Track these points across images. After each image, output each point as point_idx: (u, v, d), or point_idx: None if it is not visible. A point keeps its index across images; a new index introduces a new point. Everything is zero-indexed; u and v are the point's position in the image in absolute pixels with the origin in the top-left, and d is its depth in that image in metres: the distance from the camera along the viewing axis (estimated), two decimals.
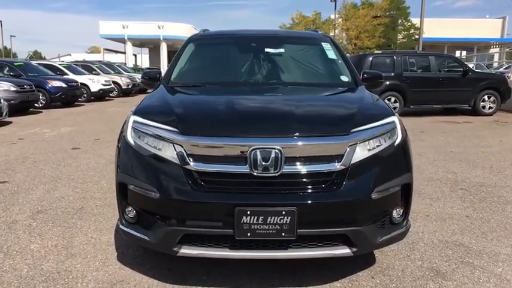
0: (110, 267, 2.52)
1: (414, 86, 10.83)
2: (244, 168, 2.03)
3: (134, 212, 2.24)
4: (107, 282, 2.34)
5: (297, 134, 2.11)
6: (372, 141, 2.21)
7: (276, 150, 2.03)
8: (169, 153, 2.12)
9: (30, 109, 12.01)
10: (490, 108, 11.40)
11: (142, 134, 2.25)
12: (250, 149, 2.03)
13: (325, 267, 2.48)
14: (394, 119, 2.38)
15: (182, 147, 2.09)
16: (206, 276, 2.40)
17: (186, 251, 2.07)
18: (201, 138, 2.11)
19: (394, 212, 2.29)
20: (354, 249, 2.09)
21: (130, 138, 2.29)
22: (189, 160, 2.07)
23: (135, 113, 2.40)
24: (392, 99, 10.88)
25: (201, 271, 2.44)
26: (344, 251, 2.09)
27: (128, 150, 2.27)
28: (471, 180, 4.70)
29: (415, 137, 7.85)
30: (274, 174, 2.03)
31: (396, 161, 2.29)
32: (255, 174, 2.02)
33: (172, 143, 2.12)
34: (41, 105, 12.61)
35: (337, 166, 2.08)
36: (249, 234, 1.98)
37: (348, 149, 2.11)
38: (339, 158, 2.10)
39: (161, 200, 2.05)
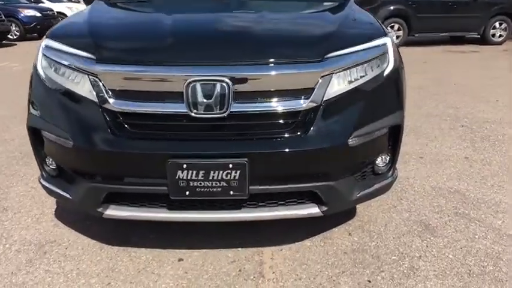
0: (43, 225, 2.16)
1: (420, 11, 9.84)
2: (179, 108, 1.55)
3: (55, 163, 1.80)
4: (34, 243, 1.99)
5: (251, 60, 1.59)
6: (354, 70, 1.69)
7: (223, 83, 1.53)
8: (85, 87, 1.62)
9: (3, 42, 11.12)
10: (500, 36, 10.50)
11: (54, 62, 1.73)
12: (187, 82, 1.53)
13: (295, 223, 2.11)
14: (386, 40, 1.83)
15: (99, 79, 1.59)
16: (154, 235, 2.04)
17: (113, 212, 1.67)
18: (122, 66, 1.59)
19: (379, 159, 1.86)
20: (324, 209, 1.69)
21: (40, 68, 1.77)
22: (108, 97, 1.58)
23: (48, 36, 1.85)
24: (396, 26, 9.96)
25: (148, 229, 2.07)
26: (311, 210, 1.69)
27: (38, 85, 1.77)
28: (474, 115, 4.23)
29: (417, 68, 7.20)
30: (219, 116, 1.55)
31: (385, 96, 1.79)
32: (194, 115, 1.55)
33: (88, 74, 1.61)
34: (15, 37, 11.68)
35: (305, 104, 1.59)
36: (187, 193, 1.56)
37: (321, 81, 1.60)
38: (307, 92, 1.60)
39: (77, 149, 1.60)
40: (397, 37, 10.05)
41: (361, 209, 2.31)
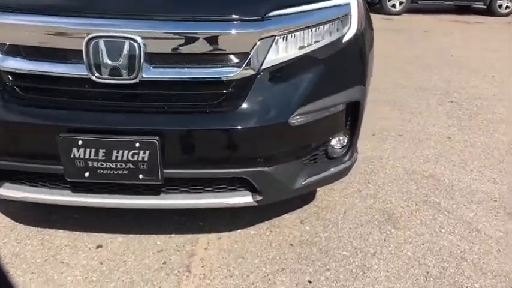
0: None
1: None
2: (79, 70, 1.25)
3: None
4: None
5: (169, 14, 1.26)
6: (306, 33, 1.37)
7: (133, 42, 1.22)
8: None
9: None
10: (506, 7, 9.96)
11: None
12: (88, 37, 1.21)
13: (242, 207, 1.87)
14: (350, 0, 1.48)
15: None
16: (79, 215, 1.80)
17: (6, 192, 1.39)
18: (6, 14, 1.25)
19: (334, 141, 1.58)
20: (259, 198, 1.43)
21: None
22: None
23: None
24: None
25: (75, 207, 1.82)
26: (243, 199, 1.43)
27: None
28: (466, 91, 3.91)
29: (417, 37, 6.80)
30: (128, 82, 1.25)
31: (342, 66, 1.48)
32: (96, 79, 1.24)
33: None
34: None
35: (237, 72, 1.29)
36: (87, 174, 1.29)
37: (259, 44, 1.29)
38: (240, 58, 1.29)
39: None
40: (400, 3, 9.49)
41: (321, 192, 2.06)
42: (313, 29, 1.38)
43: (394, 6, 9.45)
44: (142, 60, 1.23)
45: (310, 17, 1.37)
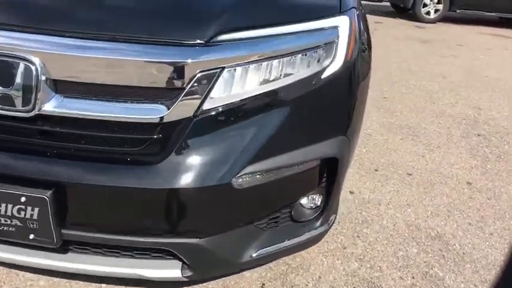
0: None
1: None
2: None
3: None
4: None
5: (79, 31, 0.93)
6: (272, 64, 1.01)
7: (29, 64, 0.91)
8: None
9: None
10: None
11: None
12: None
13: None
14: (340, 22, 1.10)
15: None
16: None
17: None
18: None
19: (304, 200, 1.22)
20: (189, 273, 1.09)
21: None
22: None
23: None
24: None
25: None
26: (169, 273, 1.09)
27: None
28: (497, 123, 3.41)
29: (448, 51, 6.20)
30: (22, 115, 0.95)
31: (319, 110, 1.11)
32: None
33: None
34: None
35: (165, 113, 0.95)
36: None
37: (199, 77, 0.95)
38: (172, 94, 0.95)
39: None
40: (436, 11, 8.81)
41: None
42: (282, 60, 1.03)
43: (428, 13, 8.78)
44: (41, 89, 0.92)
45: (277, 44, 1.01)
